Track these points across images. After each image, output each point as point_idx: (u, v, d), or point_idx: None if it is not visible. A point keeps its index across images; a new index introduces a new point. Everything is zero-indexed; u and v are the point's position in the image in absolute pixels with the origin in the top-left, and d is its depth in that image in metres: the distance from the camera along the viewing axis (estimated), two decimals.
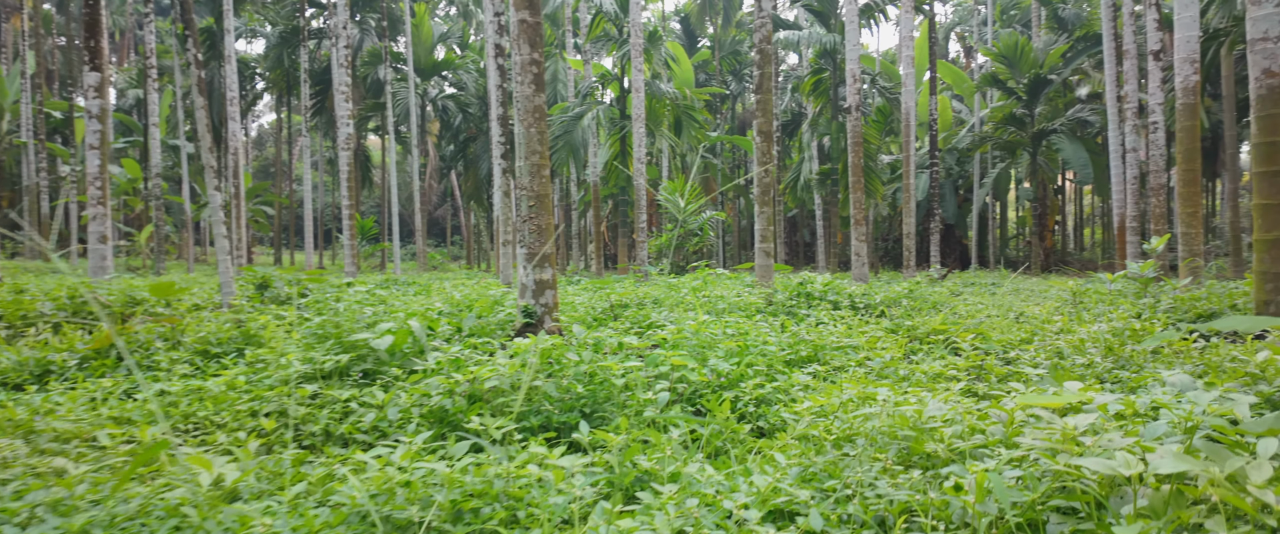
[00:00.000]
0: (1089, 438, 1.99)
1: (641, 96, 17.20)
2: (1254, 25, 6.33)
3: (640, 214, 17.25)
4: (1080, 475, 1.81)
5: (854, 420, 2.70)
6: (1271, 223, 6.25)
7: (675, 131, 21.70)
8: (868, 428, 2.55)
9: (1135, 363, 5.11)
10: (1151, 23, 14.67)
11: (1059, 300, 8.70)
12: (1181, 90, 10.12)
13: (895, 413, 2.51)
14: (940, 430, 2.38)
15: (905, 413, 2.49)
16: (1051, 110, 28.38)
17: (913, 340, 5.76)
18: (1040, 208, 29.32)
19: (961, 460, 2.23)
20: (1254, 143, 6.33)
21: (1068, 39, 28.56)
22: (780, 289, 9.08)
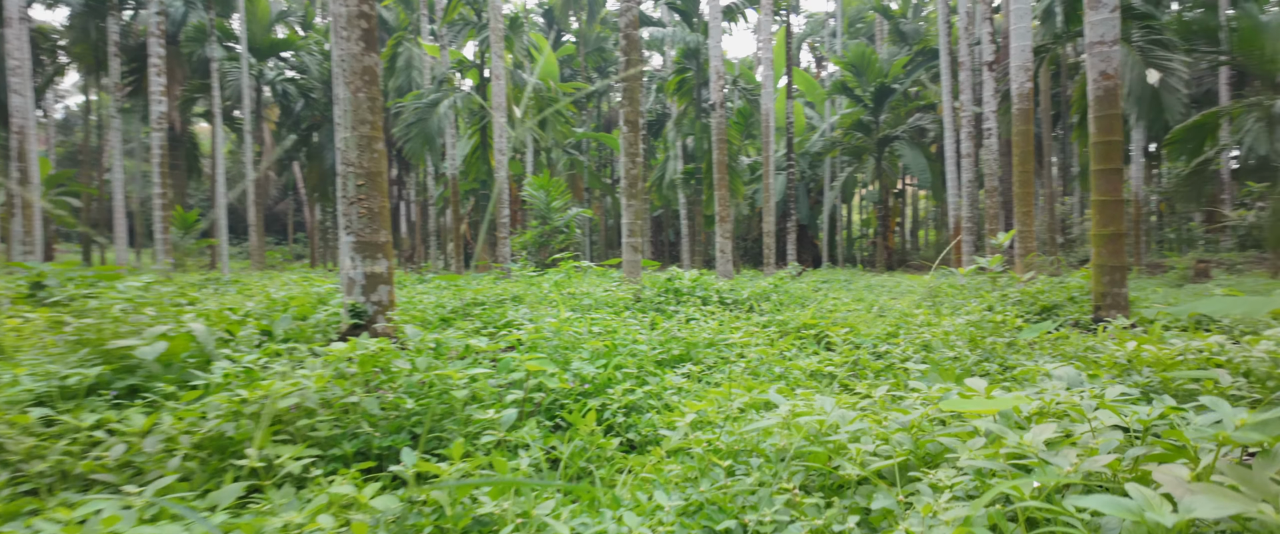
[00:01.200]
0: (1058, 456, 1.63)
1: (503, 85, 16.36)
2: (1092, 29, 6.63)
3: (502, 209, 16.40)
4: (1061, 513, 1.42)
5: (746, 435, 2.23)
6: (1108, 218, 6.56)
7: (539, 125, 20.98)
8: (766, 445, 2.09)
9: (998, 354, 5.10)
10: (985, 36, 15.75)
11: (916, 294, 8.90)
12: (1017, 96, 10.76)
13: (795, 423, 2.07)
14: (849, 446, 1.96)
15: (806, 424, 2.06)
16: (894, 118, 30.25)
17: (784, 336, 5.50)
18: (884, 210, 31.22)
19: (885, 485, 1.82)
20: (1093, 142, 6.63)
21: (909, 51, 30.57)
22: (648, 285, 8.69)
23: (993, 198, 15.17)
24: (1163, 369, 3.49)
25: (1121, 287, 6.52)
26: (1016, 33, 10.77)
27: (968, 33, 19.96)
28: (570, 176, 29.60)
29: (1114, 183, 6.49)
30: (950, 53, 21.22)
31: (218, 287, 11.17)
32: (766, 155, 18.52)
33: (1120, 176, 6.52)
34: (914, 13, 37.26)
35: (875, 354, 4.93)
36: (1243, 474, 1.27)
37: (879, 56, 29.87)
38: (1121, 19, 9.28)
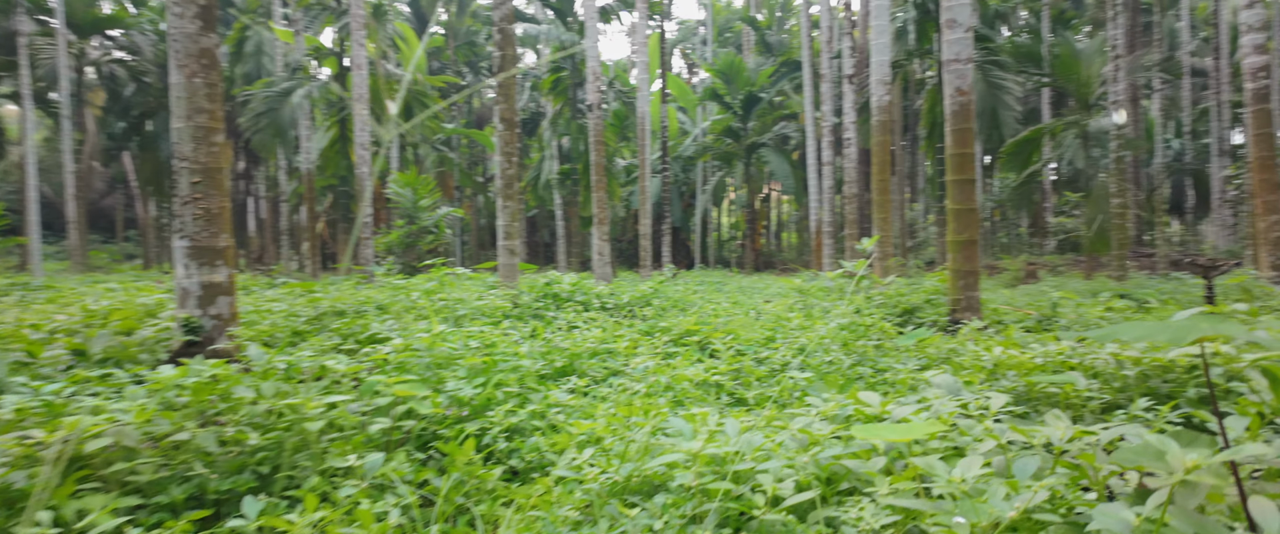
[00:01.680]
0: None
1: (365, 75, 15.40)
2: (948, 48, 7.04)
3: (365, 207, 15.44)
4: None
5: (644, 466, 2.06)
6: (963, 226, 6.99)
7: (406, 118, 19.98)
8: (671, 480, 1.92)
9: (870, 358, 5.27)
10: (846, 50, 16.60)
11: (787, 297, 9.16)
12: (877, 109, 11.36)
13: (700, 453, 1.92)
14: (758, 475, 1.84)
15: (713, 453, 1.92)
16: (761, 125, 31.43)
17: (668, 342, 5.42)
18: (751, 213, 32.38)
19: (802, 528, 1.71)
20: (949, 154, 7.05)
21: (774, 62, 31.88)
22: (526, 290, 8.39)
23: (851, 204, 16.01)
24: (1025, 374, 3.68)
25: (975, 290, 6.97)
26: (877, 48, 11.37)
27: (829, 47, 21.02)
28: (439, 174, 28.49)
29: (968, 193, 6.93)
30: (812, 65, 22.28)
31: (25, 293, 9.73)
32: (642, 158, 18.62)
33: (974, 187, 6.98)
34: (779, 25, 38.96)
35: (757, 360, 4.94)
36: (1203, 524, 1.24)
37: (747, 66, 30.94)
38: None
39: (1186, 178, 30.83)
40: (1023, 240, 28.99)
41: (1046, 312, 7.21)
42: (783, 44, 34.57)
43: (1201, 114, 34.35)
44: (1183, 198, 30.94)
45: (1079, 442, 1.77)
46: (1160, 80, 26.06)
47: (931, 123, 19.09)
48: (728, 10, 43.77)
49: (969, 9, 6.99)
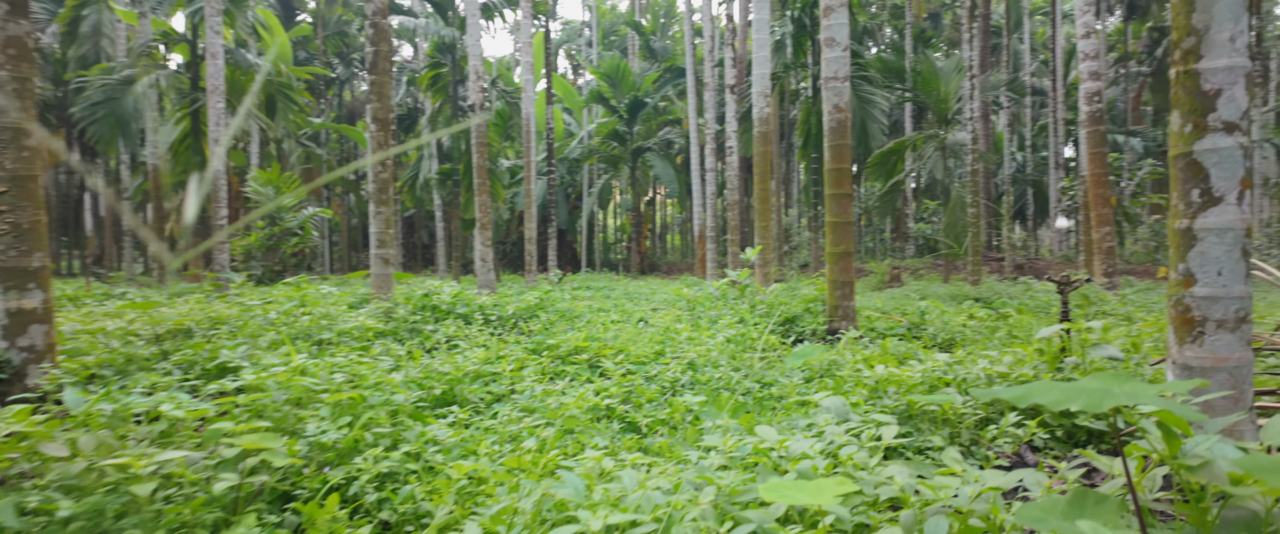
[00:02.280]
0: None
1: (221, 64, 14.15)
2: (827, 65, 7.26)
3: (219, 208, 14.19)
4: None
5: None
6: (839, 238, 7.23)
7: (268, 112, 18.58)
8: None
9: (756, 372, 5.31)
10: (729, 61, 16.97)
11: (675, 306, 9.17)
12: (758, 120, 11.64)
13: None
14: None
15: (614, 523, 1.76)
16: (646, 130, 31.70)
17: (556, 361, 5.22)
18: (637, 216, 32.60)
19: None
20: (827, 169, 7.26)
21: (659, 68, 32.24)
22: (402, 302, 7.92)
23: (733, 210, 16.40)
24: (906, 391, 3.79)
25: (851, 299, 7.23)
26: (758, 61, 11.65)
27: (711, 55, 21.45)
28: (306, 171, 26.77)
29: (845, 207, 7.17)
30: (695, 73, 22.68)
31: None
32: (528, 159, 18.24)
33: (850, 201, 7.23)
34: (663, 31, 39.48)
35: (648, 378, 4.85)
36: None
37: (632, 70, 31.11)
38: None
39: (1028, 188, 33.89)
40: (887, 244, 30.89)
41: (915, 319, 7.60)
42: (667, 50, 35.07)
43: (1041, 130, 37.91)
44: (1025, 206, 33.98)
45: (982, 496, 1.76)
46: (1007, 98, 28.46)
47: (806, 133, 19.89)
48: (613, 13, 43.92)
49: (846, 28, 7.23)
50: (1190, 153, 2.50)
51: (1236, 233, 2.44)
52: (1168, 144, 19.68)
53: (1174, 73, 2.55)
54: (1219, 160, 2.44)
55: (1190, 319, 2.51)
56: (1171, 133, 2.58)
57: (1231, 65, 2.42)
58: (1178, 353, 2.56)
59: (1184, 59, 2.51)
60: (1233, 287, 2.44)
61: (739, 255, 9.70)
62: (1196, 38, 2.47)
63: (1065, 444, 3.49)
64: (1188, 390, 1.19)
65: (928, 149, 21.26)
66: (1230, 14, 2.41)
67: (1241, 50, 2.41)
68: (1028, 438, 3.37)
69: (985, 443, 3.45)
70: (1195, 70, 2.47)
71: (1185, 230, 2.52)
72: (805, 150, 20.72)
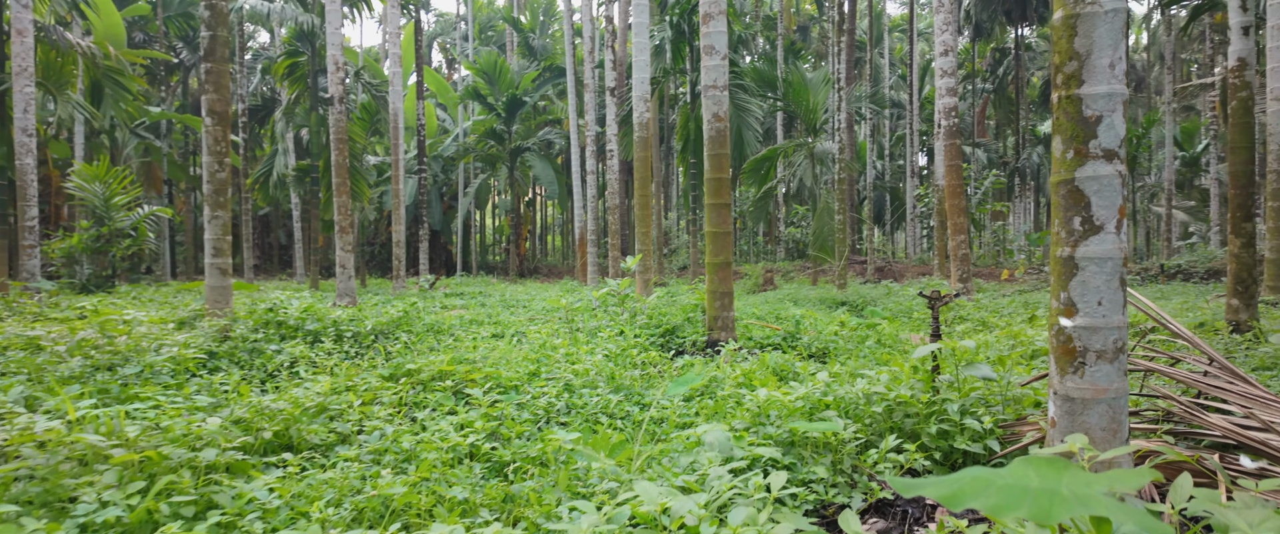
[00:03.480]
0: None
1: (30, 43, 12.33)
2: (706, 73, 7.14)
3: (28, 205, 12.36)
4: None
5: None
6: (719, 248, 7.13)
7: (93, 99, 16.48)
8: None
9: (637, 392, 5.06)
10: (609, 63, 16.76)
11: (552, 318, 8.79)
12: (639, 124, 11.47)
13: None
14: None
15: None
16: (526, 129, 31.00)
17: (416, 388, 4.73)
18: (516, 218, 31.83)
19: None
20: (707, 178, 7.15)
21: (538, 66, 31.63)
22: (243, 317, 7.07)
23: (614, 213, 16.21)
24: (788, 416, 3.65)
25: (730, 309, 7.15)
26: (638, 66, 11.48)
27: (591, 56, 21.20)
28: (144, 165, 24.12)
29: (724, 216, 7.08)
30: (576, 74, 22.36)
31: None
32: (396, 157, 17.22)
33: (729, 211, 7.15)
34: (542, 30, 38.84)
35: (520, 406, 4.47)
36: None
37: (511, 68, 30.33)
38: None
39: (886, 194, 36.06)
40: (760, 247, 31.86)
41: (791, 328, 7.64)
42: (546, 49, 34.50)
43: (898, 140, 40.48)
44: (883, 211, 36.12)
45: None
46: (870, 109, 30.04)
47: (685, 137, 20.04)
48: (490, 8, 42.74)
49: (724, 36, 7.15)
50: (1072, 180, 2.44)
51: (1115, 262, 2.40)
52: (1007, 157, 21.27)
53: (1056, 97, 2.49)
54: (1100, 188, 2.40)
55: (1071, 349, 2.46)
56: (1054, 158, 2.53)
57: (1111, 92, 2.38)
58: (1059, 383, 2.50)
59: (1066, 84, 2.45)
60: (1112, 316, 2.40)
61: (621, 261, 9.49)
62: (1078, 62, 2.41)
63: (944, 467, 3.45)
64: (1114, 484, 1.01)
65: (798, 157, 22.01)
66: (1110, 40, 2.37)
67: (1120, 77, 2.38)
68: (909, 465, 3.29)
69: (866, 470, 3.35)
70: (1077, 96, 2.42)
71: (1067, 259, 2.46)
72: (684, 155, 20.88)
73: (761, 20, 38.52)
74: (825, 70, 22.45)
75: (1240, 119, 6.39)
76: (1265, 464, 2.56)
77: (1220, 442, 2.72)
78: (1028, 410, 3.64)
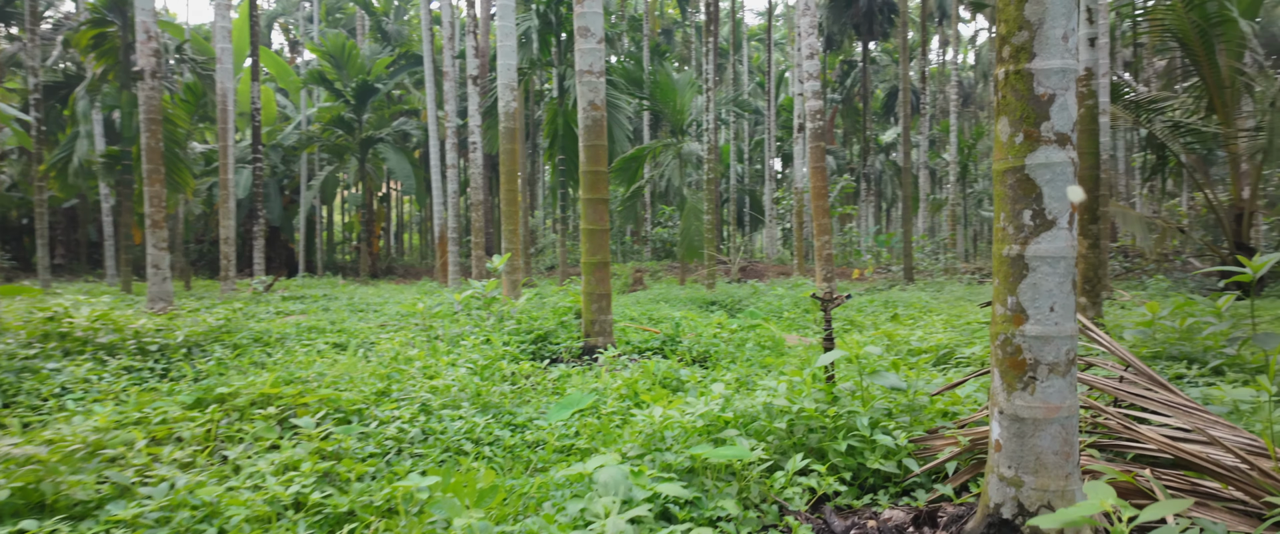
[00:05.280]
0: None
1: None
2: (581, 57, 6.61)
3: None
4: None
5: None
6: (595, 247, 6.62)
7: None
8: None
9: (506, 411, 4.44)
10: (470, 50, 15.81)
11: (408, 324, 7.90)
12: (504, 115, 10.74)
13: None
14: None
15: None
16: (378, 119, 29.02)
17: (231, 416, 3.85)
18: (368, 214, 29.72)
19: None
20: (583, 171, 6.62)
21: (392, 52, 29.70)
22: (14, 330, 5.73)
23: (477, 210, 15.29)
24: (686, 440, 3.20)
25: (607, 313, 6.66)
26: (504, 52, 10.75)
27: (451, 44, 20.04)
28: None
29: (601, 213, 6.58)
30: (434, 62, 21.07)
31: None
32: (224, 143, 15.33)
33: (607, 207, 6.66)
34: (397, 14, 36.66)
35: (363, 434, 3.72)
36: None
37: (361, 52, 28.26)
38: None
39: (746, 196, 37.16)
40: (628, 247, 31.74)
41: (670, 332, 7.28)
42: (401, 35, 32.55)
43: (757, 145, 41.91)
44: (743, 212, 37.20)
45: None
46: (732, 114, 30.72)
47: (553, 133, 19.40)
48: None
49: (600, 19, 6.66)
50: (1022, 167, 2.13)
51: (1068, 262, 2.11)
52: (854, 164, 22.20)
53: (1002, 73, 2.18)
54: (1052, 177, 2.10)
55: (1021, 362, 2.15)
56: (998, 144, 2.21)
57: (1064, 67, 2.09)
58: (1007, 402, 2.18)
59: (1015, 57, 2.14)
60: (1064, 324, 2.12)
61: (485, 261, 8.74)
62: (1029, 33, 2.10)
63: (854, 488, 3.13)
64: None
65: (666, 157, 21.99)
66: (1063, 7, 2.08)
67: (1073, 51, 2.09)
68: (822, 490, 2.93)
69: (773, 496, 2.96)
70: (1028, 70, 2.11)
71: (1016, 258, 2.15)
72: (552, 151, 20.22)
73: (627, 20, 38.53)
74: (690, 73, 22.60)
75: (1086, 126, 6.72)
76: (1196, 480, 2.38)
77: (1148, 455, 2.54)
78: (937, 422, 3.40)
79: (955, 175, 28.07)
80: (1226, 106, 12.27)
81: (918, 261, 22.76)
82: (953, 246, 27.58)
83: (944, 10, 38.41)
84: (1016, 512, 2.14)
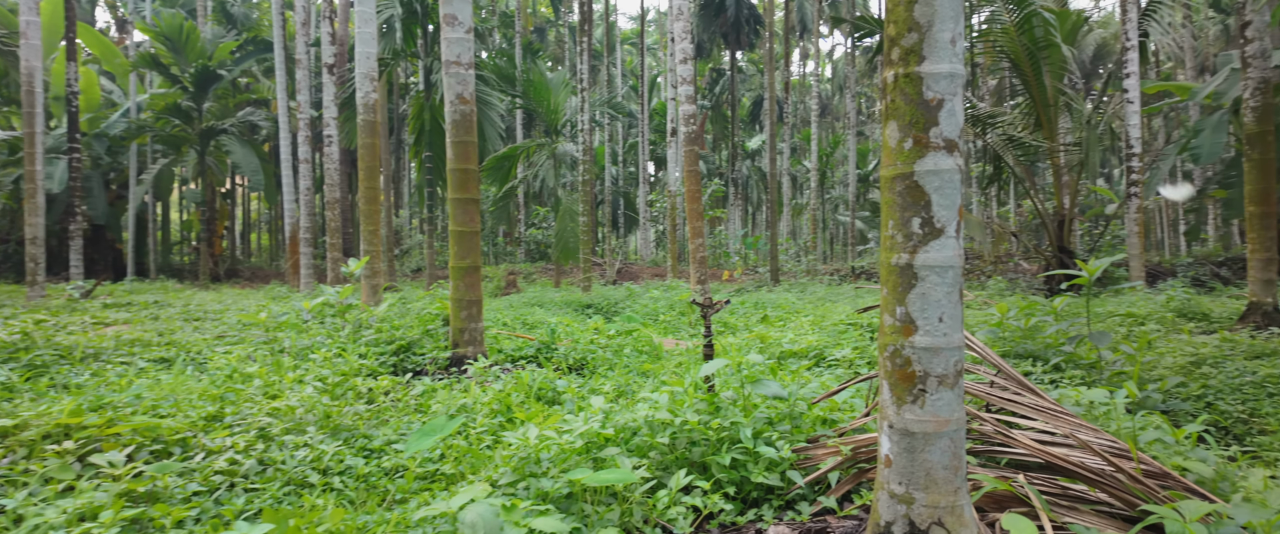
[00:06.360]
0: None
1: None
2: (448, 47, 6.21)
3: None
4: None
5: None
6: (465, 250, 6.23)
7: None
8: None
9: (361, 434, 4.01)
10: (326, 36, 14.73)
11: (248, 335, 7.12)
12: (362, 106, 10.02)
13: None
14: None
15: None
16: (222, 108, 26.61)
17: (14, 453, 3.19)
18: (209, 212, 27.14)
19: None
20: (450, 169, 6.21)
21: (238, 37, 27.34)
22: None
23: (333, 208, 14.25)
24: (564, 462, 2.95)
25: (478, 320, 6.29)
26: (362, 38, 10.03)
27: (305, 31, 18.64)
28: None
29: (472, 214, 6.20)
30: (286, 49, 19.53)
31: None
32: (31, 131, 13.38)
33: (477, 207, 6.28)
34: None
35: (186, 470, 3.20)
36: None
37: (202, 35, 25.78)
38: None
39: (620, 199, 37.33)
40: (500, 248, 30.94)
41: (545, 338, 6.99)
42: (249, 18, 30.03)
43: (630, 148, 42.23)
44: (618, 215, 37.35)
45: None
46: (606, 116, 30.71)
47: (419, 128, 18.50)
48: None
49: (469, 7, 6.27)
50: (911, 174, 2.07)
51: (956, 271, 2.07)
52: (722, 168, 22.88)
53: (892, 76, 2.10)
54: (941, 184, 2.05)
55: (911, 375, 2.08)
56: (887, 149, 2.14)
57: (953, 72, 2.04)
58: (897, 416, 2.11)
59: (903, 60, 2.07)
60: (953, 335, 2.07)
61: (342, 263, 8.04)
62: (918, 35, 2.04)
63: (738, 503, 3.01)
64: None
65: (540, 157, 21.58)
66: (951, 10, 2.03)
67: (960, 55, 2.05)
68: (708, 509, 2.79)
69: (657, 519, 2.79)
70: (917, 73, 2.05)
71: (904, 267, 2.08)
72: (417, 147, 19.28)
73: (499, 16, 37.65)
74: (564, 73, 22.30)
75: None
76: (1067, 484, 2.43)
77: (1020, 459, 2.58)
78: (817, 430, 3.36)
79: (815, 182, 29.50)
80: (1051, 123, 13.56)
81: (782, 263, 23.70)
82: (814, 249, 28.98)
83: (805, 25, 40.41)
84: (908, 529, 2.07)
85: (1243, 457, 3.55)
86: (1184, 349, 5.85)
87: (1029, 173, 15.40)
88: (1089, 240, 18.90)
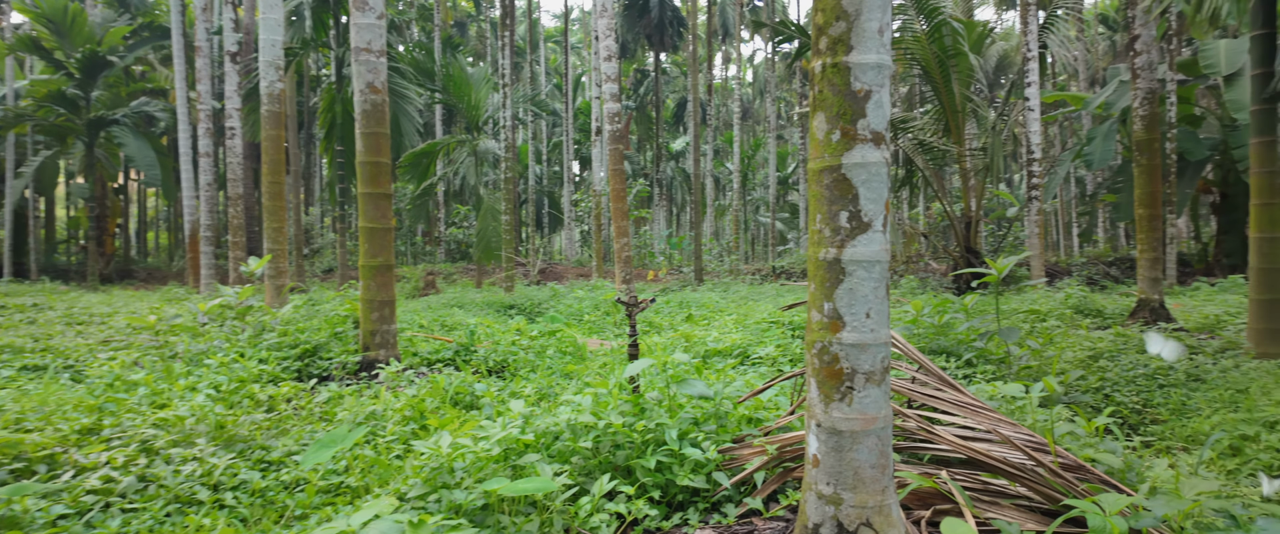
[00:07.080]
0: None
1: None
2: (358, 33, 5.89)
3: None
4: None
5: None
6: (377, 247, 5.93)
7: None
8: None
9: (258, 444, 3.71)
10: (229, 23, 13.89)
11: (133, 350, 6.56)
12: (267, 96, 9.46)
13: None
14: None
15: None
16: (114, 97, 24.79)
17: None
18: (99, 208, 25.22)
19: None
20: (360, 162, 5.90)
21: (132, 22, 25.54)
22: None
23: (236, 205, 13.44)
24: (479, 471, 2.79)
25: (391, 322, 5.99)
26: (267, 25, 9.47)
27: (205, 17, 17.56)
28: None
29: (383, 209, 5.90)
30: (185, 36, 18.34)
31: None
32: None
33: (390, 203, 5.98)
34: None
35: (52, 491, 2.86)
36: None
37: (91, 18, 23.95)
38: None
39: (545, 198, 36.91)
40: (419, 248, 30.04)
41: (464, 340, 6.74)
42: (144, 3, 28.10)
43: (555, 147, 41.82)
44: (542, 214, 36.92)
45: None
46: (530, 114, 30.28)
47: (330, 122, 17.72)
48: None
49: None
50: (839, 167, 2.01)
51: (883, 266, 2.03)
52: (647, 169, 22.98)
53: (820, 66, 2.05)
54: (868, 178, 2.01)
55: (838, 372, 2.03)
56: (814, 141, 2.08)
57: (880, 62, 2.00)
58: (825, 414, 2.06)
59: (831, 50, 2.02)
60: (880, 331, 2.03)
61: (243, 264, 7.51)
62: (846, 24, 1.99)
63: (663, 507, 2.92)
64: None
65: (460, 154, 21.04)
66: (879, 0, 1.99)
67: (887, 46, 2.01)
68: (633, 516, 2.68)
69: (579, 527, 2.66)
70: (845, 64, 2.00)
71: (832, 262, 2.03)
72: (329, 141, 18.46)
73: (417, 9, 36.57)
74: (485, 69, 21.82)
75: None
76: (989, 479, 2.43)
77: (943, 455, 2.59)
78: (743, 429, 3.30)
79: (738, 183, 29.93)
80: (959, 128, 14.15)
81: (706, 263, 23.93)
82: (737, 250, 29.41)
83: (727, 29, 41.01)
84: (836, 531, 2.02)
85: (1140, 446, 3.71)
86: (1083, 344, 6.14)
87: (938, 176, 16.05)
88: (993, 241, 19.88)
